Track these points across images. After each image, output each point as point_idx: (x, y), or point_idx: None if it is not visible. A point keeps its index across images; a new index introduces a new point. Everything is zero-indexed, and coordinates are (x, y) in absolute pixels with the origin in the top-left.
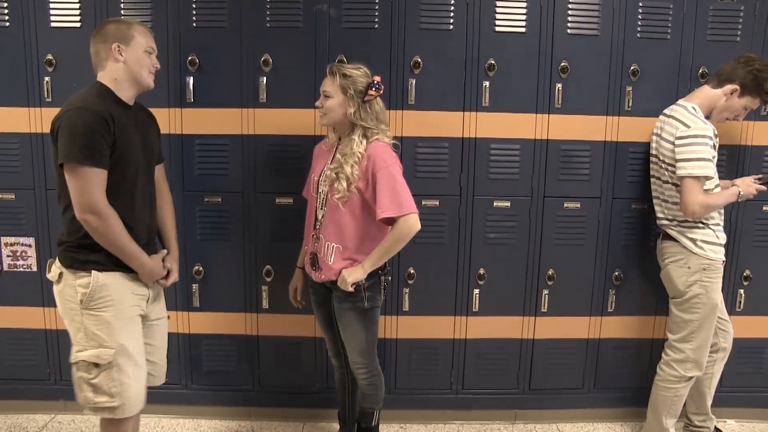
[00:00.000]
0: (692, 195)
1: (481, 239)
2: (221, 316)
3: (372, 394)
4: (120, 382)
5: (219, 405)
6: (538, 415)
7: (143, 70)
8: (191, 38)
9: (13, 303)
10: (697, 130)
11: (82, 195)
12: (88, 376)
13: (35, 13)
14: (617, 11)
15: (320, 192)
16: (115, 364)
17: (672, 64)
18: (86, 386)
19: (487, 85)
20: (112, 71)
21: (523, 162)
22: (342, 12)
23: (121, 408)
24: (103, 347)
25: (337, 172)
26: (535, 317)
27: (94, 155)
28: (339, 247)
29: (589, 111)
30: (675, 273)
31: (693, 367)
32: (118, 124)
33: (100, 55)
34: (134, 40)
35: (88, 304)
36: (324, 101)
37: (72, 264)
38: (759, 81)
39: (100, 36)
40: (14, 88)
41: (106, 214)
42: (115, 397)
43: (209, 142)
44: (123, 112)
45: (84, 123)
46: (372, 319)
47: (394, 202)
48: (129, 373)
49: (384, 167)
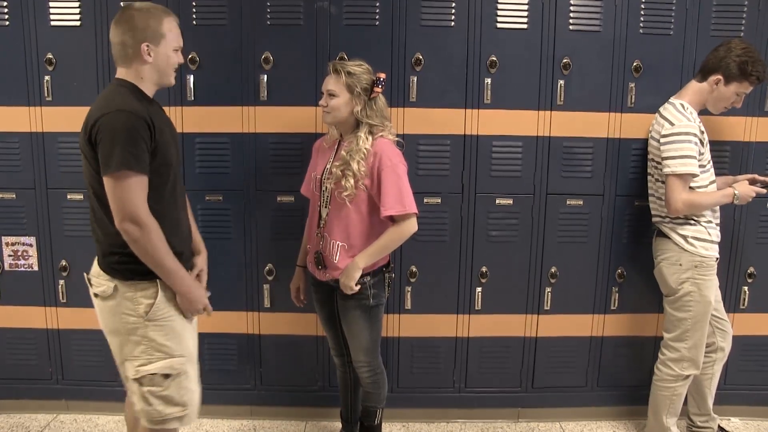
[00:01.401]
0: (675, 192)
1: (483, 237)
2: (223, 315)
3: (375, 393)
4: (188, 389)
5: (221, 404)
6: (541, 414)
7: (170, 69)
8: (191, 36)
9: (15, 302)
10: (680, 128)
11: (123, 203)
12: (159, 389)
13: (35, 12)
14: (619, 7)
15: (324, 190)
16: (184, 372)
17: (675, 60)
18: (156, 399)
19: (489, 82)
20: (138, 70)
21: (525, 159)
22: (342, 9)
23: (189, 416)
24: (174, 357)
25: (343, 170)
26: (537, 315)
27: (138, 161)
28: (344, 246)
29: (591, 107)
30: (667, 270)
31: (689, 366)
32: (157, 124)
33: (126, 50)
34: (165, 39)
35: (155, 315)
36: (328, 100)
37: (132, 276)
38: (741, 65)
39: (127, 27)
40: (14, 87)
41: (147, 225)
42: (186, 406)
43: (210, 140)
44: (155, 110)
45: (125, 127)
46: (376, 316)
47: (398, 200)
48: (194, 379)
49: (389, 165)
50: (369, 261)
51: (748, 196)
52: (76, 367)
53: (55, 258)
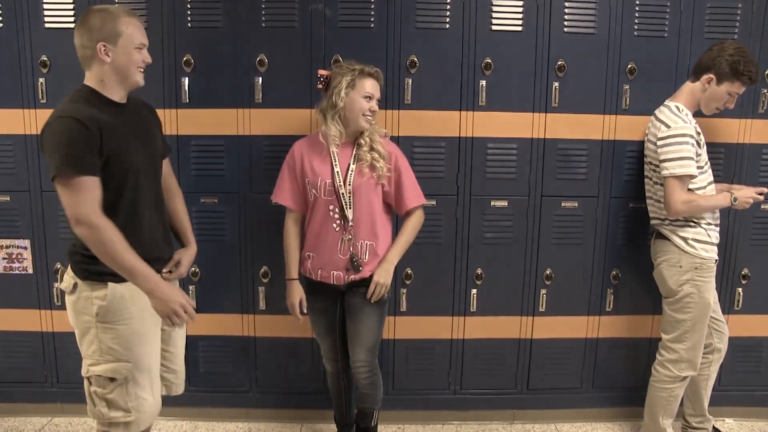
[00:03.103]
0: (675, 194)
1: (478, 239)
2: (218, 318)
3: (371, 394)
4: (136, 396)
5: (216, 406)
6: (537, 415)
7: (132, 68)
8: (186, 38)
9: (9, 305)
10: (677, 130)
11: (70, 206)
12: (103, 391)
13: (29, 14)
14: (614, 9)
15: (343, 193)
16: (131, 379)
17: (669, 62)
18: (99, 401)
19: (484, 84)
20: (98, 73)
21: (520, 161)
22: (337, 11)
23: (136, 422)
24: (120, 362)
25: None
26: (533, 317)
27: (77, 163)
28: (373, 244)
29: (586, 109)
30: (667, 272)
31: (687, 367)
32: (106, 129)
33: (85, 51)
34: (122, 38)
35: (105, 317)
36: (376, 105)
37: (88, 276)
38: (733, 65)
39: (84, 29)
40: (8, 89)
41: (97, 225)
42: (130, 413)
43: (205, 142)
44: (115, 113)
45: (62, 131)
46: (386, 313)
47: (418, 193)
48: (145, 387)
49: (404, 161)
50: (400, 257)
51: (746, 201)
52: (70, 369)
53: (49, 261)
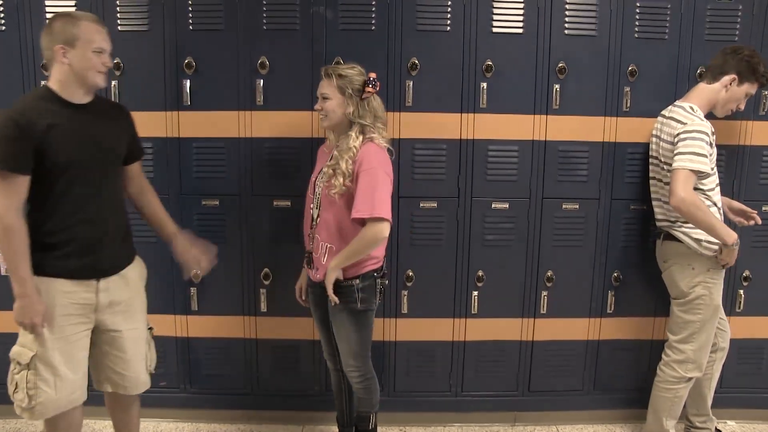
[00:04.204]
0: (680, 184)
1: (479, 241)
2: (219, 320)
3: (366, 398)
4: (34, 385)
5: (218, 408)
6: (538, 417)
7: (89, 71)
8: (187, 41)
9: (8, 308)
10: (694, 126)
11: None
12: (12, 370)
13: (31, 17)
14: (615, 11)
15: (317, 192)
16: (33, 367)
17: (670, 65)
18: (8, 379)
19: (485, 87)
20: (57, 74)
21: (521, 163)
22: (338, 14)
23: (35, 411)
24: (25, 347)
25: (333, 168)
26: (534, 319)
27: (6, 159)
28: (332, 247)
29: (586, 112)
30: (679, 274)
31: (693, 368)
32: (50, 128)
33: (46, 53)
34: (80, 41)
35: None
36: (323, 104)
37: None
38: (752, 66)
39: (47, 32)
40: (11, 92)
41: (7, 226)
42: (31, 400)
43: (206, 145)
44: (70, 113)
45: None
46: (364, 322)
47: (367, 203)
48: (48, 381)
49: (368, 169)
50: (341, 264)
51: (733, 258)
52: None
53: None
